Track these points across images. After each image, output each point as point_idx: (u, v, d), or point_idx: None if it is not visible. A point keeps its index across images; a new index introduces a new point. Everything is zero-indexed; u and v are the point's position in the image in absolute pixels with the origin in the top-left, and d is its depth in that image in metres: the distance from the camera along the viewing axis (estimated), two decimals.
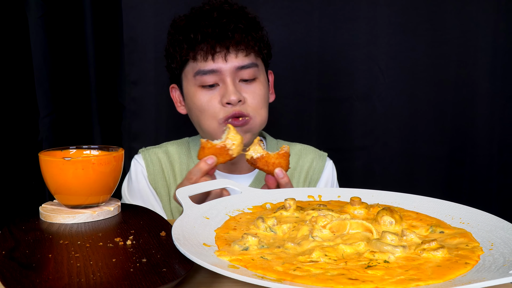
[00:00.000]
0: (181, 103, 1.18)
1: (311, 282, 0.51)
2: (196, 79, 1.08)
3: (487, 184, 1.52)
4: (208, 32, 1.06)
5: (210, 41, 1.05)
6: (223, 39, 1.06)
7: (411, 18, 1.46)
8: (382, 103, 1.49)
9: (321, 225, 0.66)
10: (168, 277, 0.55)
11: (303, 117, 1.50)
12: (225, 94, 1.06)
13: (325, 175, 1.23)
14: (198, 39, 1.06)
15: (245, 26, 1.08)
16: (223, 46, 1.06)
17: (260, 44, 1.11)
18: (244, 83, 1.09)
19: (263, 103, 1.11)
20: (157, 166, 1.19)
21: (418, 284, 0.50)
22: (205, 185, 0.84)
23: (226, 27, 1.06)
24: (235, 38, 1.06)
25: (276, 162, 0.93)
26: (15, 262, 0.60)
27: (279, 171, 0.92)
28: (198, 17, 1.09)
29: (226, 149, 0.93)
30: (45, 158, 0.78)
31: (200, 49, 1.06)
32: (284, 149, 0.94)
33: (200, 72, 1.07)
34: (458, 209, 0.74)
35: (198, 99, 1.08)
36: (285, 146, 0.94)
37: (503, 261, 0.56)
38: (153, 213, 0.81)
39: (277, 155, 0.93)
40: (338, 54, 1.47)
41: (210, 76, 1.07)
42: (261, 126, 1.12)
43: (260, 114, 1.10)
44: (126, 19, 1.40)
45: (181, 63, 1.11)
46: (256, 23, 1.12)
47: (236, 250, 0.60)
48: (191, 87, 1.10)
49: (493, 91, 1.49)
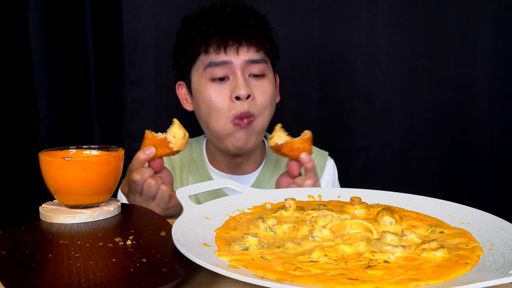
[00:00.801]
0: (187, 100, 1.18)
1: (311, 282, 0.51)
2: (206, 71, 1.08)
3: (487, 184, 1.52)
4: (221, 26, 1.07)
5: (223, 34, 1.07)
6: (235, 33, 1.07)
7: (411, 18, 1.46)
8: (382, 103, 1.49)
9: (321, 225, 0.66)
10: (168, 277, 0.54)
11: (303, 117, 1.50)
12: (235, 88, 1.06)
13: (327, 174, 1.23)
14: (212, 31, 1.07)
15: (256, 23, 1.10)
16: (235, 40, 1.07)
17: (270, 42, 1.13)
18: (253, 79, 1.10)
19: (270, 101, 1.11)
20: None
21: (418, 284, 0.50)
22: (205, 185, 0.84)
23: (239, 22, 1.08)
24: (247, 33, 1.07)
25: (301, 147, 0.94)
26: (15, 262, 0.60)
27: (305, 156, 0.93)
28: (211, 12, 1.11)
29: (167, 142, 0.94)
30: (45, 158, 0.77)
31: (213, 42, 1.07)
32: (307, 134, 0.95)
33: (212, 64, 1.08)
34: (458, 209, 0.74)
35: (207, 93, 1.09)
36: (307, 131, 0.95)
37: (503, 261, 0.56)
38: (153, 213, 0.81)
39: (301, 140, 0.95)
40: (338, 54, 1.47)
41: (221, 69, 1.07)
42: (264, 127, 1.12)
43: (265, 114, 1.11)
44: (126, 19, 1.40)
45: (192, 57, 1.11)
46: (266, 22, 1.14)
47: (236, 250, 0.60)
48: (201, 81, 1.10)
49: (493, 91, 1.49)
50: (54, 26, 1.38)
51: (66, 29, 1.41)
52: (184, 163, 1.21)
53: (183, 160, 1.21)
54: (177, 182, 1.19)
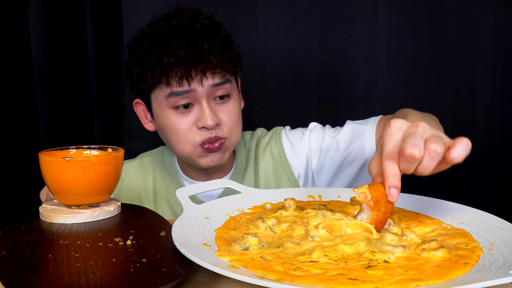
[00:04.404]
0: (147, 118, 1.12)
1: (311, 282, 0.51)
2: (169, 100, 1.02)
3: (487, 184, 1.52)
4: (181, 56, 0.98)
5: (185, 65, 0.99)
6: (198, 63, 0.99)
7: (411, 18, 1.46)
8: (382, 103, 1.49)
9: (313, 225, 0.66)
10: (168, 277, 0.54)
11: (303, 117, 1.50)
12: (201, 118, 1.02)
13: (288, 147, 1.17)
14: (172, 63, 0.98)
15: (220, 45, 1.02)
16: (199, 70, 1.00)
17: (235, 62, 1.07)
18: (219, 102, 1.05)
19: (238, 121, 1.08)
20: (131, 181, 1.18)
21: (418, 284, 0.50)
22: (205, 185, 0.84)
23: (201, 50, 0.99)
24: (211, 61, 1.00)
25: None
26: (15, 262, 0.60)
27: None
28: (168, 37, 1.00)
29: None
30: (45, 158, 0.77)
31: (175, 74, 0.99)
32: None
33: (174, 93, 1.01)
34: (458, 209, 0.74)
35: (171, 121, 1.03)
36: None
37: (503, 261, 0.56)
38: (153, 213, 0.81)
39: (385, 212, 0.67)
40: (338, 54, 1.47)
41: (184, 98, 1.01)
42: (237, 143, 1.10)
43: (235, 134, 1.07)
44: (126, 19, 1.40)
45: (152, 87, 1.04)
46: (228, 38, 1.06)
47: (236, 250, 0.60)
48: (163, 109, 1.04)
49: (493, 91, 1.49)
50: (54, 26, 1.38)
51: (66, 29, 1.41)
52: (157, 176, 1.17)
53: (155, 172, 1.17)
54: (148, 194, 1.17)
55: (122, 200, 1.17)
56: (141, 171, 1.19)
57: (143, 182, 1.18)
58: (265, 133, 1.22)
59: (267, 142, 1.19)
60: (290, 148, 1.17)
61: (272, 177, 1.17)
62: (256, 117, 1.47)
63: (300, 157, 1.17)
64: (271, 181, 1.16)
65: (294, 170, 1.16)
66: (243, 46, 1.13)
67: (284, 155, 1.17)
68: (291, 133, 1.20)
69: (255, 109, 1.47)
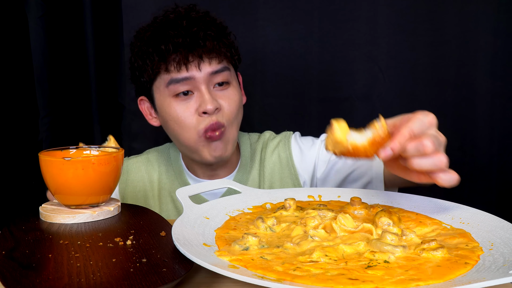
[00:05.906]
0: (152, 115, 1.15)
1: (311, 282, 0.51)
2: (169, 88, 1.05)
3: (487, 184, 1.52)
4: (179, 42, 1.03)
5: (182, 51, 1.03)
6: (195, 48, 1.03)
7: (411, 18, 1.46)
8: (382, 103, 1.49)
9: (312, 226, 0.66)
10: (168, 277, 0.55)
11: (303, 117, 1.50)
12: (202, 103, 1.04)
13: (296, 153, 1.19)
14: (170, 50, 1.03)
15: (215, 33, 1.06)
16: (196, 55, 1.03)
17: (231, 50, 1.09)
18: (219, 89, 1.07)
19: (237, 109, 1.09)
20: (137, 175, 1.19)
21: (418, 284, 0.50)
22: (205, 185, 0.85)
23: (198, 35, 1.04)
24: (207, 46, 1.04)
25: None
26: (15, 262, 0.60)
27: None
28: (166, 27, 1.06)
29: None
30: (45, 158, 0.78)
31: (173, 60, 1.03)
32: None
33: (173, 81, 1.04)
34: (458, 209, 0.75)
35: (173, 110, 1.06)
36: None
37: (503, 261, 0.56)
38: (153, 213, 0.81)
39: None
40: (338, 54, 1.47)
41: (184, 84, 1.04)
42: (236, 134, 1.11)
43: (234, 123, 1.09)
44: (126, 19, 1.40)
45: (152, 76, 1.07)
46: (224, 28, 1.10)
47: (236, 250, 0.60)
48: (164, 98, 1.07)
49: (493, 91, 1.49)
50: (54, 26, 1.38)
51: (66, 29, 1.41)
52: (162, 171, 1.18)
53: (161, 168, 1.19)
54: (153, 190, 1.18)
55: (127, 194, 1.18)
56: (147, 167, 1.20)
57: (148, 178, 1.19)
58: (274, 136, 1.24)
59: (275, 146, 1.20)
60: (299, 155, 1.19)
61: (278, 181, 1.18)
62: (256, 116, 1.47)
63: (308, 165, 1.18)
64: (276, 185, 1.17)
65: (300, 176, 1.18)
66: (243, 46, 1.13)
67: (291, 161, 1.18)
68: (301, 139, 1.21)
69: (255, 109, 1.47)
